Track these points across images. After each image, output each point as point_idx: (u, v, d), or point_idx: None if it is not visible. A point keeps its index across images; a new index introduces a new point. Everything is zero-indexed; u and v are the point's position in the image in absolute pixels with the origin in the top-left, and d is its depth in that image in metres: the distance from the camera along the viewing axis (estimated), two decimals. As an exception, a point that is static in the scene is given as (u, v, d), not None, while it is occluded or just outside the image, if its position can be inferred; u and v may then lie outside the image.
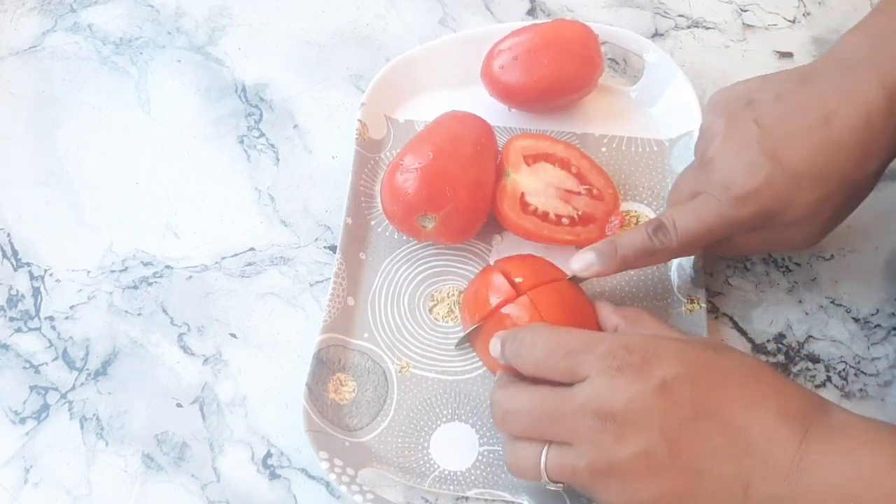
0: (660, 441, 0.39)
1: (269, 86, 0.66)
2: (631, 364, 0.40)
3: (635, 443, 0.39)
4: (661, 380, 0.40)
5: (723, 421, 0.39)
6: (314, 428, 0.50)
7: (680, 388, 0.40)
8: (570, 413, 0.41)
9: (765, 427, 0.39)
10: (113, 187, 0.62)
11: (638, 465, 0.40)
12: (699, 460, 0.39)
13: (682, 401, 0.39)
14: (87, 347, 0.56)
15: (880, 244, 0.58)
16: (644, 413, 0.39)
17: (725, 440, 0.39)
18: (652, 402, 0.39)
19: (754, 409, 0.40)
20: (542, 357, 0.43)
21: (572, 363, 0.41)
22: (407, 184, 0.53)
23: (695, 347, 0.42)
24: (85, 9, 0.71)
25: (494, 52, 0.59)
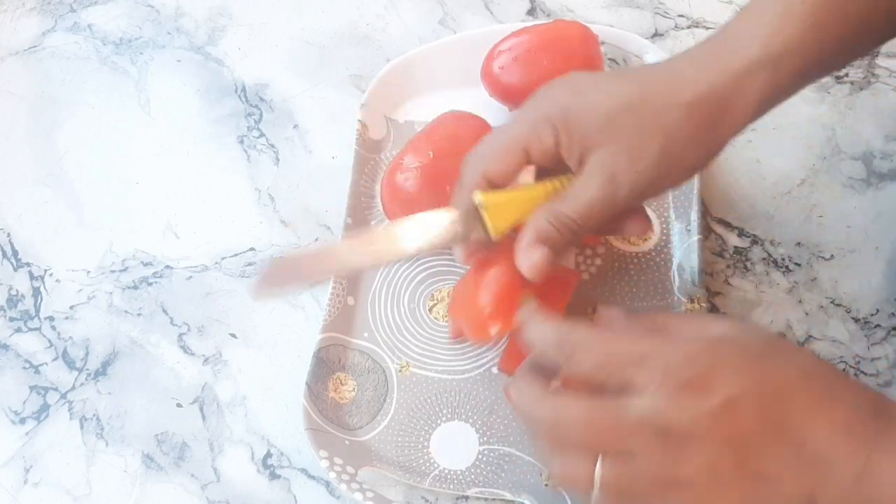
0: (726, 458, 0.38)
1: (269, 86, 0.66)
2: (690, 381, 0.38)
3: (700, 458, 0.38)
4: (724, 398, 0.38)
5: (787, 433, 0.38)
6: (314, 427, 0.50)
7: (744, 404, 0.38)
8: (631, 427, 0.38)
9: (828, 438, 0.38)
10: (113, 187, 0.62)
11: (703, 478, 0.38)
12: (765, 471, 0.38)
13: (748, 416, 0.38)
14: (87, 347, 0.56)
15: (880, 244, 0.58)
16: (709, 431, 0.38)
17: (791, 452, 0.38)
18: (717, 420, 0.38)
19: (819, 419, 0.38)
20: (598, 367, 0.40)
21: (629, 375, 0.39)
22: (407, 183, 0.53)
23: (753, 352, 0.40)
24: (85, 9, 0.71)
25: (494, 52, 0.59)
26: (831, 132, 0.62)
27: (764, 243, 0.58)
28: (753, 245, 0.58)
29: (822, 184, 0.60)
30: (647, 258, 0.57)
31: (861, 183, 0.60)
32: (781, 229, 0.58)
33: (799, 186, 0.60)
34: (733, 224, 0.59)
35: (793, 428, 0.38)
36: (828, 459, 0.38)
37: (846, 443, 0.38)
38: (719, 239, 0.58)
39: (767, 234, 0.58)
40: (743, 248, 0.58)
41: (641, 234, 0.49)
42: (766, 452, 0.38)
